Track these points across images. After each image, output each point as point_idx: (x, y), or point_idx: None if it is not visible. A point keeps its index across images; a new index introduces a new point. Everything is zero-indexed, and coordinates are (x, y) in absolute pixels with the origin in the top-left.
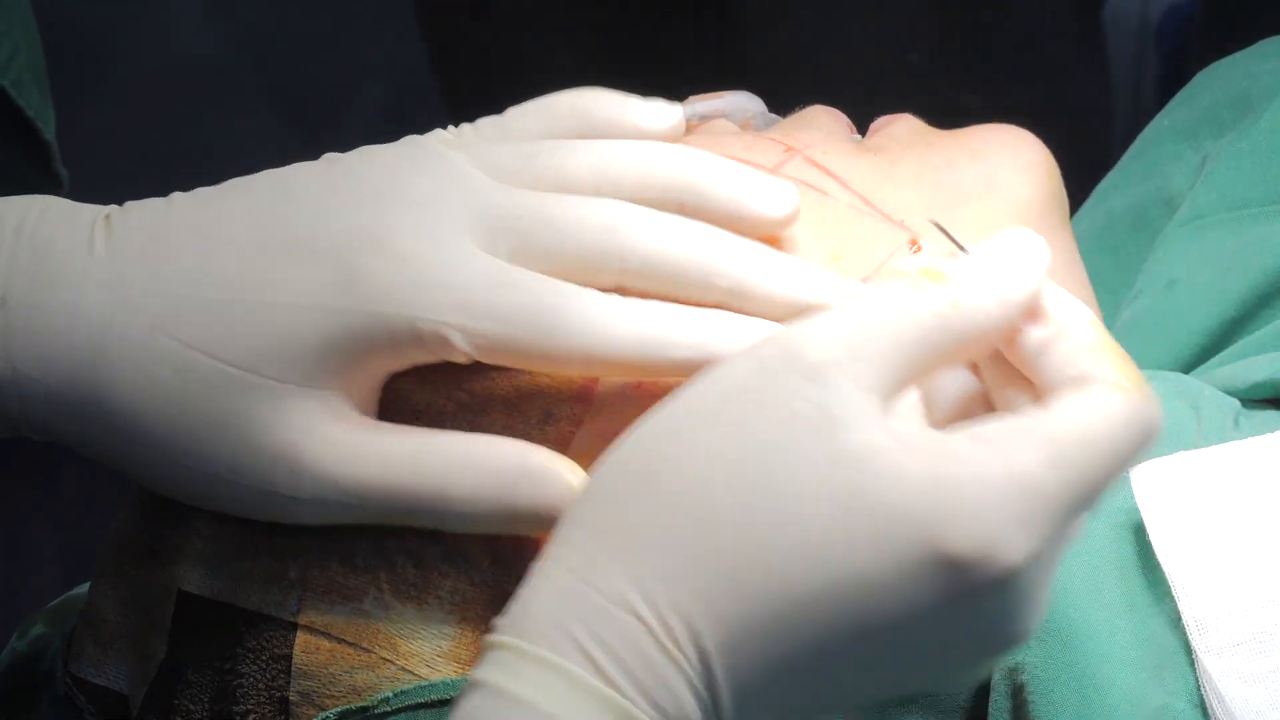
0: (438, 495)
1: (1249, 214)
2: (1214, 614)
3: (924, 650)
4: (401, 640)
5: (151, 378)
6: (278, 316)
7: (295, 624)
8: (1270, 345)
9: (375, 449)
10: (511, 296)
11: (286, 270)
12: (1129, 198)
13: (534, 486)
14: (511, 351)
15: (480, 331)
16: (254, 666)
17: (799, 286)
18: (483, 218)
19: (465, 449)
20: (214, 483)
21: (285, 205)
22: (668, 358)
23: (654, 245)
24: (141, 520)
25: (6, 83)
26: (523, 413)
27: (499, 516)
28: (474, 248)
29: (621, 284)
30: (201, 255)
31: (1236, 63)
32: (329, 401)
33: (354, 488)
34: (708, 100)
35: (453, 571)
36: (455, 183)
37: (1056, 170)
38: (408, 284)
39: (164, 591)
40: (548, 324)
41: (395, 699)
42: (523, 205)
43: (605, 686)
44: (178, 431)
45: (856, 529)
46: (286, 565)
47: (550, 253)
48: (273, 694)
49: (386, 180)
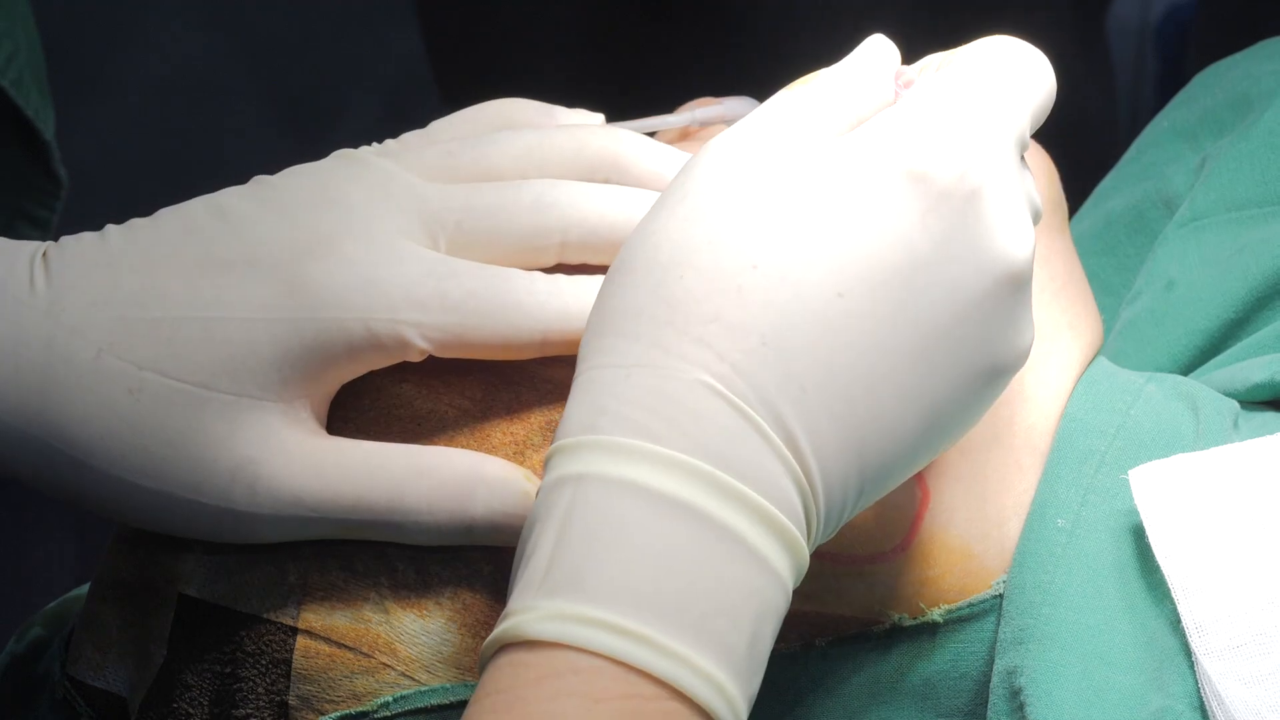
0: (394, 506)
1: (1248, 215)
2: (1214, 616)
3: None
4: (401, 645)
5: (102, 400)
6: (230, 331)
7: (295, 628)
8: (1270, 347)
9: (331, 460)
10: (459, 285)
11: (231, 286)
12: (1128, 199)
13: (491, 495)
14: (467, 341)
15: (434, 324)
16: (253, 671)
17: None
18: (417, 216)
19: (420, 459)
20: (171, 504)
21: (220, 225)
22: None
23: (590, 213)
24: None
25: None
26: (523, 420)
27: (456, 526)
28: (416, 246)
29: (563, 258)
30: (143, 277)
31: (1236, 64)
32: (284, 413)
33: (311, 500)
34: (708, 106)
35: (453, 577)
36: (386, 187)
37: (1056, 173)
38: (357, 286)
39: (164, 595)
40: (499, 308)
41: (394, 704)
42: (454, 197)
43: (690, 457)
44: (132, 452)
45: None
46: (287, 570)
47: (489, 239)
48: (272, 698)
49: (318, 192)
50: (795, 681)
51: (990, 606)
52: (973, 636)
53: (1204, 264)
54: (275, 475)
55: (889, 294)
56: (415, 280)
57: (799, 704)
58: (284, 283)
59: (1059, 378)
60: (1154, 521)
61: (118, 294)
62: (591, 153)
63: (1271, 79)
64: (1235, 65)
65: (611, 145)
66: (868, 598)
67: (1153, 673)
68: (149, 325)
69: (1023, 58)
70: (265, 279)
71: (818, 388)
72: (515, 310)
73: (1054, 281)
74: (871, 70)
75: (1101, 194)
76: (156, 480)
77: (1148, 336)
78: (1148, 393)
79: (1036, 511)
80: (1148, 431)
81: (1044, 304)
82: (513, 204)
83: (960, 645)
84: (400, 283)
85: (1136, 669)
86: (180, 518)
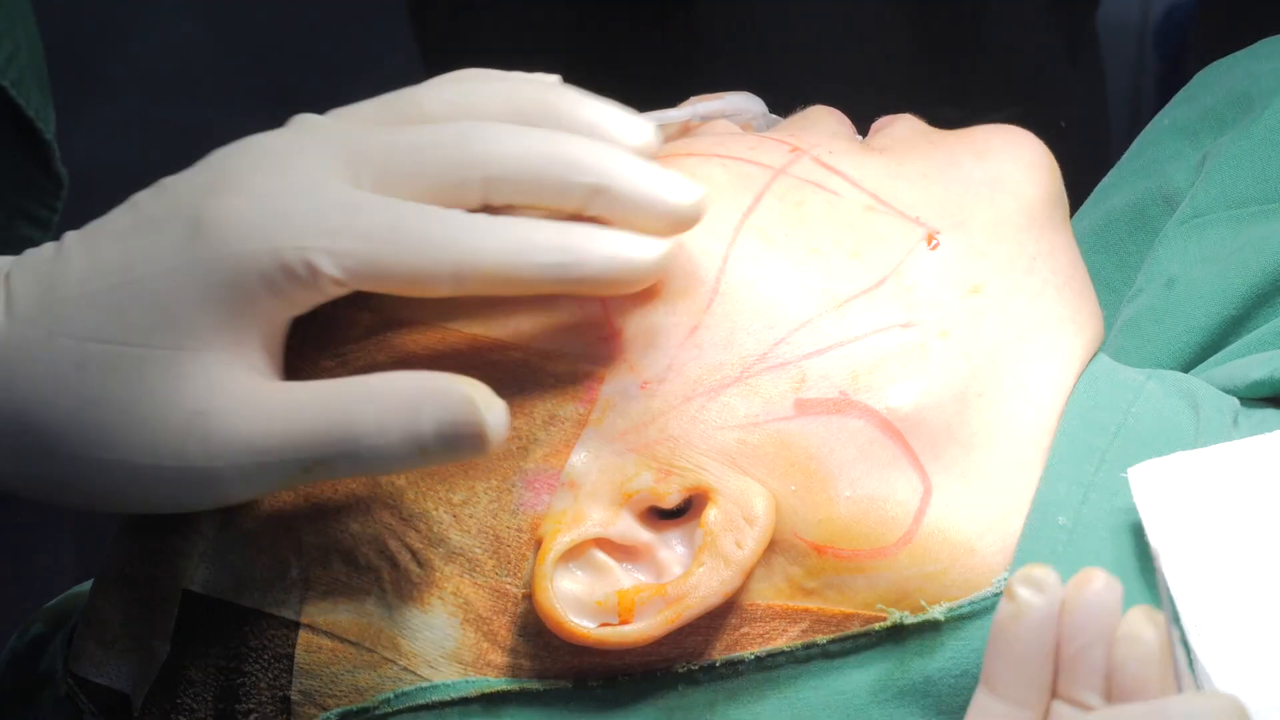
0: (346, 434)
1: (1249, 212)
2: (1212, 614)
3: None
4: (404, 640)
5: (56, 380)
6: (153, 285)
7: (298, 623)
8: (1270, 344)
9: (279, 401)
10: (372, 217)
11: (150, 240)
12: (1129, 196)
13: (437, 405)
14: (379, 273)
15: (345, 251)
16: (256, 666)
17: (660, 186)
18: (341, 154)
19: (365, 383)
20: (136, 475)
21: (155, 192)
22: (534, 263)
23: (513, 150)
24: (145, 520)
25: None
26: (526, 414)
27: (410, 443)
28: (332, 179)
29: (488, 198)
30: (86, 253)
31: (1237, 62)
32: (227, 362)
33: (264, 444)
34: (709, 101)
35: (456, 572)
36: (312, 132)
37: (1058, 170)
38: (264, 218)
39: (167, 591)
40: (413, 240)
41: (396, 699)
42: (378, 135)
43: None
44: (89, 426)
45: None
46: (289, 564)
47: (412, 175)
48: (275, 693)
49: (239, 144)
50: (796, 680)
51: (992, 604)
52: (975, 634)
53: (1204, 261)
54: (225, 424)
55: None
56: (324, 210)
57: (800, 702)
58: (190, 223)
59: (1060, 374)
60: (1153, 519)
61: (64, 278)
62: (523, 99)
63: (1272, 77)
64: (1236, 63)
65: (543, 93)
66: (869, 595)
67: None
68: (89, 299)
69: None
70: (176, 226)
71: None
72: (425, 241)
73: (1056, 277)
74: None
75: (1102, 191)
76: (116, 450)
77: (1148, 334)
78: (1148, 390)
79: (1038, 509)
80: (1148, 429)
81: (1046, 299)
82: (433, 141)
83: (962, 643)
84: (308, 211)
85: None
86: (148, 489)
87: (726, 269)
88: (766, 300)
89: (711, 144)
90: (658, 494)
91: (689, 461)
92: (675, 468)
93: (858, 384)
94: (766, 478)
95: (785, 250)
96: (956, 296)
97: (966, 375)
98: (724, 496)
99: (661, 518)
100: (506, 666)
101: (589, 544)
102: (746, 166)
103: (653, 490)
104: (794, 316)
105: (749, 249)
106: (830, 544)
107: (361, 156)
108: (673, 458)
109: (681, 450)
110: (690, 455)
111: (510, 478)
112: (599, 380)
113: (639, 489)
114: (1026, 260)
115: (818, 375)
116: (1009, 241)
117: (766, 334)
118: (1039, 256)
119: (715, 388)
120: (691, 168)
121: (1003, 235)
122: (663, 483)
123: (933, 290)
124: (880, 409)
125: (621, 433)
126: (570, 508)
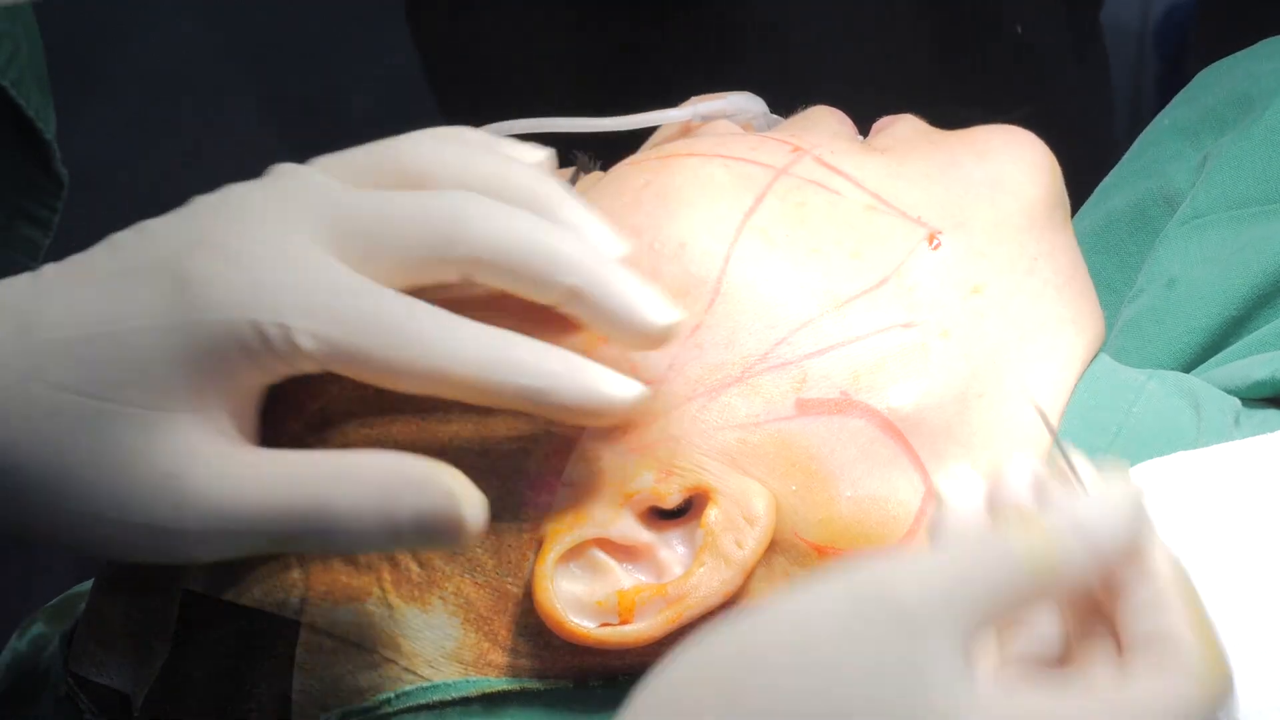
0: (318, 513)
1: (1250, 213)
2: (1213, 614)
3: None
4: (404, 640)
5: (27, 427)
6: (133, 340)
7: (298, 623)
8: (1271, 344)
9: (252, 470)
10: (356, 303)
11: (131, 294)
12: (1130, 197)
13: (417, 494)
14: (355, 361)
15: (323, 334)
16: (257, 665)
17: (639, 302)
18: (328, 220)
19: (341, 461)
20: (102, 526)
21: (136, 236)
22: (508, 382)
23: (502, 236)
24: None
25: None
26: (527, 416)
27: (384, 529)
28: (316, 249)
29: (468, 276)
30: (66, 295)
31: (1238, 62)
32: (201, 425)
33: (234, 512)
34: (710, 101)
35: (456, 572)
36: (296, 190)
37: (1059, 170)
38: (244, 286)
39: (168, 590)
40: (394, 336)
41: (397, 700)
42: (366, 201)
43: None
44: (56, 476)
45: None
46: (290, 564)
47: (397, 248)
48: (275, 693)
49: (222, 196)
50: None
51: None
52: None
53: (1205, 262)
54: (197, 490)
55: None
56: (307, 287)
57: None
58: (172, 283)
59: (1061, 375)
60: (1154, 519)
61: (42, 319)
62: (514, 183)
63: (1272, 78)
64: (1236, 64)
65: (534, 183)
66: None
67: None
68: (66, 346)
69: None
70: (156, 282)
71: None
72: (404, 339)
73: (1057, 277)
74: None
75: (1103, 192)
76: (84, 503)
77: (1149, 334)
78: (1149, 390)
79: None
80: (1149, 429)
81: (1046, 300)
82: (422, 215)
83: None
84: (292, 286)
85: None
86: (114, 541)
87: (728, 269)
88: (768, 300)
89: (713, 144)
90: (658, 494)
91: (690, 461)
92: (676, 468)
93: (859, 384)
94: (767, 478)
95: (786, 250)
96: (958, 297)
97: (967, 375)
98: (725, 496)
99: (662, 518)
100: (507, 666)
101: (589, 544)
102: (748, 167)
103: (653, 490)
104: (795, 316)
105: (750, 249)
106: (831, 544)
107: (347, 224)
108: (673, 458)
109: (682, 450)
110: (691, 455)
111: (511, 477)
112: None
113: (640, 489)
114: (1028, 261)
115: (819, 375)
116: (1010, 242)
117: (768, 334)
118: (1040, 257)
119: (716, 387)
120: (693, 168)
121: (1004, 236)
122: (663, 483)
123: (934, 290)
124: (881, 409)
125: (622, 433)
126: (571, 508)
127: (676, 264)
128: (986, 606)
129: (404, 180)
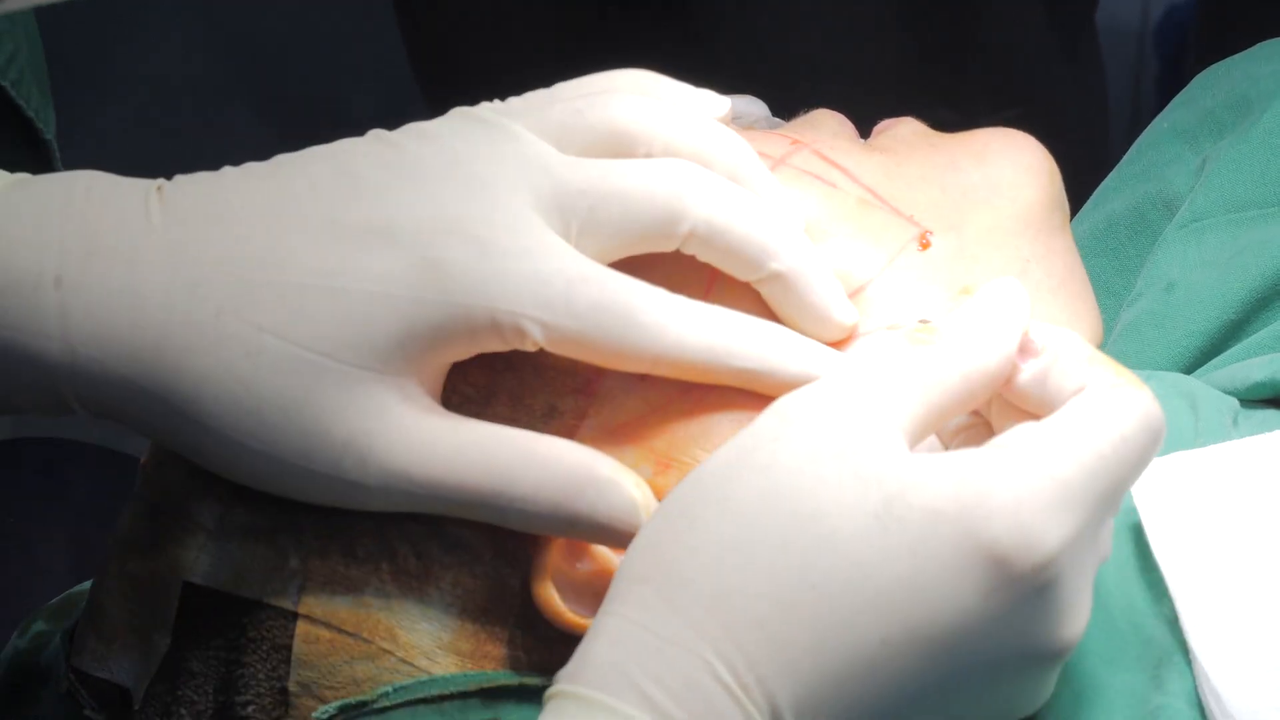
0: (501, 491)
1: (1248, 216)
2: (1212, 614)
3: (975, 664)
4: (402, 631)
5: (219, 361)
6: (357, 303)
7: (296, 613)
8: (1270, 347)
9: (445, 440)
10: (589, 293)
11: (363, 257)
12: (1129, 200)
13: (599, 495)
14: (583, 348)
15: (557, 326)
16: (255, 657)
17: (832, 298)
18: (550, 195)
19: (533, 447)
20: (279, 468)
21: (350, 188)
22: (730, 367)
23: (720, 216)
24: (146, 515)
25: (7, 82)
26: (526, 406)
27: (559, 520)
28: (549, 233)
29: (685, 248)
30: (269, 236)
31: (1236, 65)
32: (401, 389)
33: (420, 477)
34: None
35: (454, 563)
36: (517, 158)
37: (1058, 173)
38: (490, 276)
39: (168, 583)
40: (622, 325)
41: (395, 694)
42: (586, 178)
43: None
44: (245, 415)
45: (892, 536)
46: (288, 555)
47: (621, 224)
48: (273, 684)
49: (449, 161)
50: None
51: None
52: None
53: (1204, 265)
54: (388, 450)
55: (931, 653)
56: (548, 280)
57: None
58: (417, 262)
59: None
60: (1152, 520)
61: (240, 252)
62: (716, 148)
63: (1271, 80)
64: (1235, 66)
65: (738, 155)
66: None
67: (1151, 670)
68: (272, 289)
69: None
70: (400, 255)
71: (833, 717)
72: (636, 332)
73: (1050, 280)
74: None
75: (1102, 195)
76: (269, 445)
77: (1148, 338)
78: None
79: None
80: None
81: (1044, 302)
82: (648, 193)
83: None
84: (533, 279)
85: (1135, 667)
86: (290, 482)
87: None
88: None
89: None
90: (657, 486)
91: (688, 454)
92: (674, 460)
93: None
94: None
95: None
96: (945, 298)
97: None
98: None
99: None
100: (505, 659)
101: None
102: None
103: (652, 483)
104: None
105: None
106: None
107: (570, 199)
108: (671, 450)
109: (680, 442)
110: (689, 448)
111: None
112: (599, 373)
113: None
114: (1020, 264)
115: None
116: (1003, 245)
117: None
118: (1033, 260)
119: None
120: None
121: (997, 239)
122: (662, 475)
123: (921, 290)
124: None
125: (621, 425)
126: None
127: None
128: (918, 399)
129: (609, 143)
